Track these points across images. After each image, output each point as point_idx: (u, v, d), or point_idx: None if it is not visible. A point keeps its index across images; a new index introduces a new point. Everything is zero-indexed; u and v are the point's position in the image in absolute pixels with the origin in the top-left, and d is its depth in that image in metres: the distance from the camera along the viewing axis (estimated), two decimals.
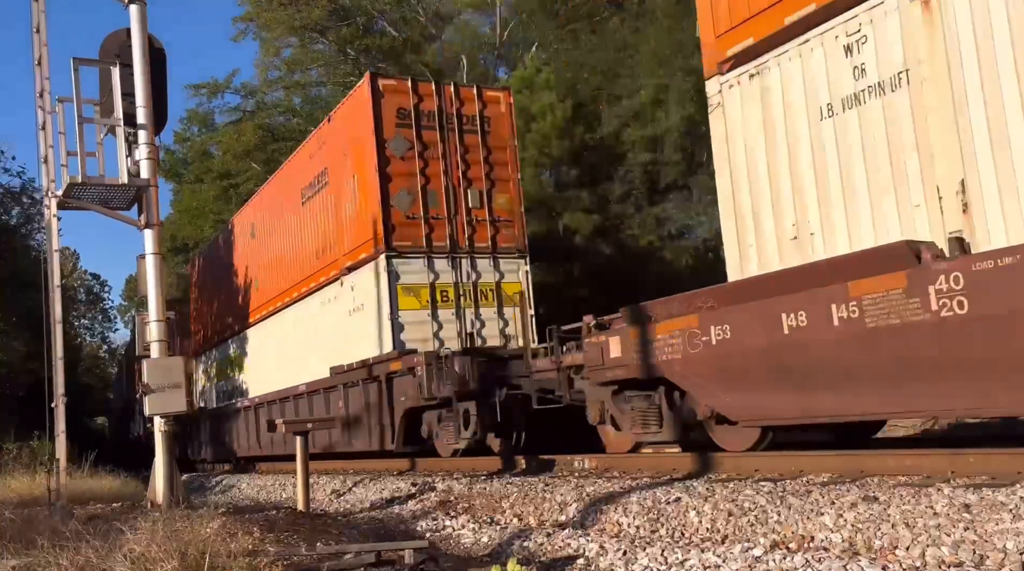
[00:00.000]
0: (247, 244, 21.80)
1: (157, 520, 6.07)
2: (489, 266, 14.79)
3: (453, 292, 14.36)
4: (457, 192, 14.63)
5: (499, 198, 14.98)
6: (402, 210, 14.20)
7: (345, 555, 5.96)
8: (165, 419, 9.73)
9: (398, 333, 13.85)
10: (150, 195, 10.06)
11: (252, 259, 21.35)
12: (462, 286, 14.44)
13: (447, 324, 14.27)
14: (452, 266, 14.51)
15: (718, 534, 6.24)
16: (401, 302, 13.98)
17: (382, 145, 14.23)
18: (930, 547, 4.94)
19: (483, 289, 14.65)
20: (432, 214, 14.38)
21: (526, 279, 14.95)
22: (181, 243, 41.58)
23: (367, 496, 11.49)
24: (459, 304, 14.39)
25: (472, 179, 14.80)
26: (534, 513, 8.13)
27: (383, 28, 34.05)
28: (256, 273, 20.92)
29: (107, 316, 65.12)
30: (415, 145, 14.37)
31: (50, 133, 10.39)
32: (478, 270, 14.68)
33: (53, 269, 10.25)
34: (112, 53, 10.21)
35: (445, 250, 14.40)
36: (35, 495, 11.29)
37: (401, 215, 14.17)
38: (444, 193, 14.53)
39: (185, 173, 41.87)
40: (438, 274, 14.33)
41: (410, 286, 14.12)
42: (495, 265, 14.79)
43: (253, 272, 21.19)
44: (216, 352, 25.05)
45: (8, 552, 6.13)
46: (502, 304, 14.76)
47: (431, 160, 14.55)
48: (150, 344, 9.92)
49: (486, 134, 15.09)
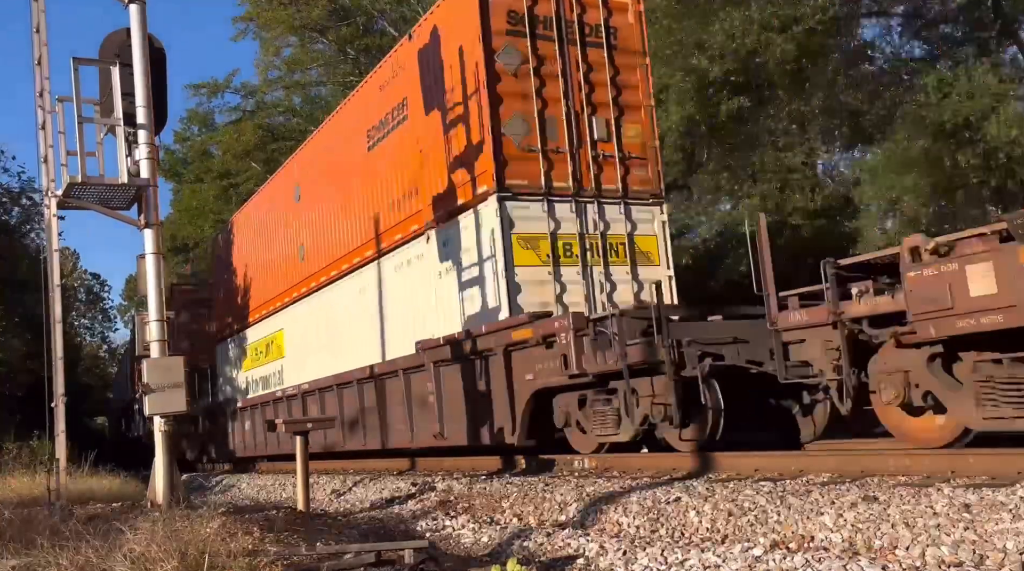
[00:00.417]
0: (290, 209, 18.85)
1: (157, 520, 6.07)
2: (619, 214, 11.91)
3: (578, 246, 11.53)
4: (580, 120, 11.78)
5: (629, 129, 12.12)
6: (516, 141, 11.36)
7: (345, 555, 5.96)
8: (165, 419, 9.72)
9: (514, 295, 11.09)
10: (150, 195, 10.05)
11: (296, 226, 18.42)
12: (588, 238, 11.64)
13: (571, 286, 11.40)
14: (576, 213, 11.65)
15: (718, 534, 6.24)
16: (517, 257, 11.18)
17: (491, 56, 11.42)
18: (930, 547, 4.94)
19: (612, 243, 11.82)
20: (551, 147, 11.56)
21: (663, 231, 12.23)
22: (181, 243, 41.60)
23: (367, 496, 11.49)
24: (585, 260, 11.53)
25: (597, 105, 11.97)
26: (534, 513, 8.13)
27: (383, 28, 34.02)
28: (303, 240, 17.90)
29: (107, 316, 65.08)
30: (529, 59, 11.59)
31: (50, 133, 10.37)
32: (606, 219, 11.83)
33: (53, 269, 10.24)
34: (112, 53, 10.19)
35: (568, 192, 11.58)
36: (35, 495, 11.28)
37: (515, 147, 11.37)
38: (564, 121, 11.69)
39: (185, 173, 41.88)
40: (559, 222, 11.53)
41: (528, 236, 11.27)
42: (627, 213, 11.96)
43: (297, 240, 18.19)
44: (250, 335, 21.77)
45: (8, 552, 6.12)
46: (635, 262, 11.94)
47: (548, 79, 11.72)
48: (150, 344, 9.91)
49: (613, 49, 12.20)
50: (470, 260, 11.80)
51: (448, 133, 12.29)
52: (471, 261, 11.78)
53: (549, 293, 11.21)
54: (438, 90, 12.49)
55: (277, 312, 19.60)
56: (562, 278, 11.35)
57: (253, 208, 21.96)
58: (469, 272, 11.91)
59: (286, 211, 19.08)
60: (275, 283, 19.73)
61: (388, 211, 14.09)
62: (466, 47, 11.80)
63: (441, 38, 12.47)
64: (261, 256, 20.88)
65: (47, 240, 11.00)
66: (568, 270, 11.42)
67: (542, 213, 11.43)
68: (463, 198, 11.92)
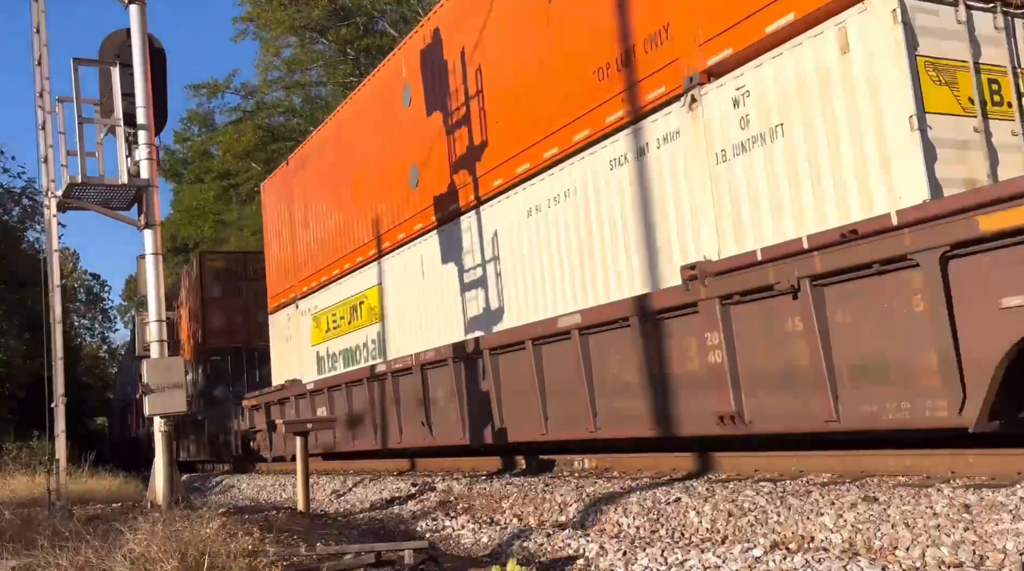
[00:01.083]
0: (394, 119, 14.15)
1: (157, 520, 6.07)
2: None
3: (1009, 83, 7.01)
4: None
5: None
6: None
7: (345, 555, 5.96)
8: (165, 419, 9.72)
9: (930, 163, 6.47)
10: (150, 195, 10.05)
11: (402, 140, 13.85)
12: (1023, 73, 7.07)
13: (1005, 151, 6.85)
14: (1003, 29, 7.12)
15: (718, 534, 6.24)
16: (928, 98, 6.57)
17: None
18: (930, 547, 4.94)
19: None
20: None
21: None
22: (181, 243, 41.64)
23: (367, 496, 11.49)
24: (1022, 106, 7.00)
25: None
26: (534, 513, 8.13)
27: (383, 28, 34.05)
28: (415, 158, 13.49)
29: (107, 316, 65.15)
30: None
31: (50, 133, 10.37)
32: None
33: (53, 269, 10.24)
34: (112, 53, 10.20)
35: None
36: (35, 495, 11.28)
37: None
38: None
39: (185, 173, 41.95)
40: (979, 45, 6.97)
41: (940, 64, 6.71)
42: None
43: (407, 158, 13.72)
44: (322, 299, 17.22)
45: (8, 552, 6.12)
46: None
47: None
48: (150, 344, 9.91)
49: None
50: (827, 114, 7.03)
51: None
52: (839, 107, 6.96)
53: (979, 164, 6.74)
54: None
55: (369, 263, 15.04)
56: (992, 140, 6.87)
57: (332, 131, 16.89)
58: (813, 137, 7.16)
59: (388, 122, 14.41)
60: (363, 228, 15.31)
61: (615, 69, 9.33)
62: None
63: None
64: (343, 192, 16.21)
65: (47, 240, 11.00)
66: (998, 125, 6.91)
67: (958, 26, 6.92)
68: (793, 11, 7.25)
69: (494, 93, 11.52)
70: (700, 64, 8.23)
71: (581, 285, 9.93)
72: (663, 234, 8.76)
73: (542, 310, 10.45)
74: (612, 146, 9.44)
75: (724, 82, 8.05)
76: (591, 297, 9.72)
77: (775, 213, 7.58)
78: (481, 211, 11.80)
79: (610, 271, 9.52)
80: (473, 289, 11.97)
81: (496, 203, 11.47)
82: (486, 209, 11.70)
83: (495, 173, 11.39)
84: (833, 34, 7.07)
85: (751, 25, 7.67)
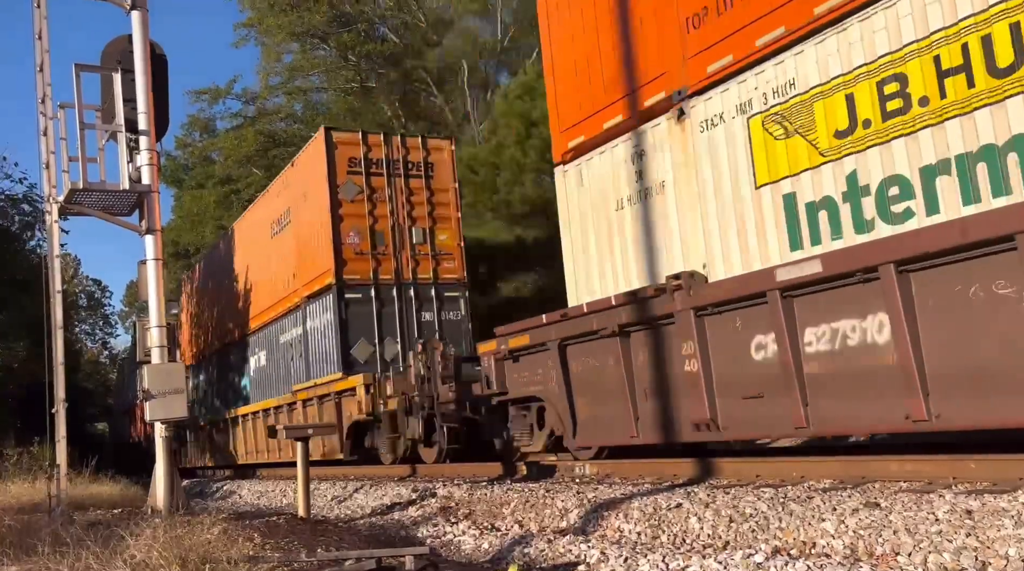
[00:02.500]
0: None
1: (158, 526, 6.07)
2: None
3: None
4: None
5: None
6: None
7: (346, 561, 5.95)
8: (165, 425, 9.72)
9: None
10: (151, 201, 10.07)
11: None
12: None
13: None
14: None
15: (719, 540, 6.23)
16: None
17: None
18: (932, 553, 4.93)
19: None
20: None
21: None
22: (182, 249, 41.63)
23: (368, 502, 11.48)
24: None
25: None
26: (535, 519, 8.12)
27: (384, 34, 34.10)
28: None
29: (108, 321, 65.28)
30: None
31: (52, 139, 10.39)
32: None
33: (54, 274, 10.25)
34: (114, 59, 10.23)
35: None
36: (36, 501, 11.27)
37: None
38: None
39: (186, 179, 41.97)
40: None
41: None
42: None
43: None
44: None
45: (8, 558, 6.12)
46: None
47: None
48: (151, 349, 9.91)
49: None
50: None
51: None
52: None
53: None
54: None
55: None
56: None
57: None
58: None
59: None
60: None
61: None
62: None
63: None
64: None
65: (48, 246, 11.01)
66: None
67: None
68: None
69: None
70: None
71: None
72: None
73: None
74: None
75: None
76: None
77: None
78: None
79: None
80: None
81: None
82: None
83: None
84: None
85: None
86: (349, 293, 15.84)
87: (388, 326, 16.07)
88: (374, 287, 16.01)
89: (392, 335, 16.12)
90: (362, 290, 15.93)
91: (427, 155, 16.90)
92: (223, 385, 24.35)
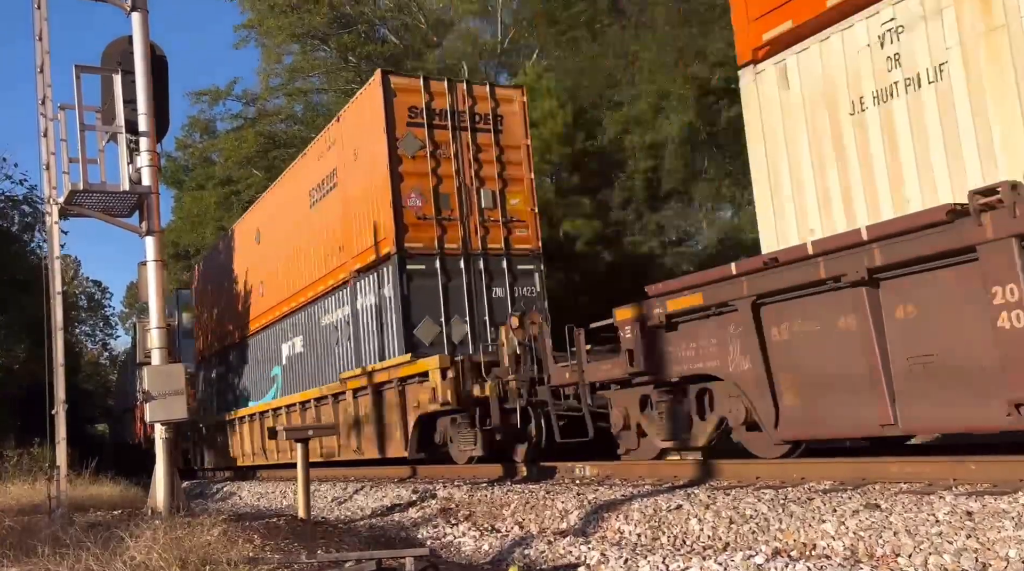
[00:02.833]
0: None
1: (158, 527, 6.07)
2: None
3: None
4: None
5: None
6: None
7: (346, 562, 5.95)
8: (166, 426, 9.72)
9: None
10: (151, 202, 10.06)
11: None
12: None
13: None
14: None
15: (720, 542, 6.22)
16: None
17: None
18: (932, 555, 4.93)
19: None
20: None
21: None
22: (183, 250, 41.63)
23: (368, 504, 11.48)
24: None
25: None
26: (535, 520, 8.11)
27: (384, 35, 34.11)
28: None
29: (108, 323, 65.28)
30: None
31: (52, 140, 10.39)
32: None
33: (54, 276, 10.24)
34: (114, 60, 10.22)
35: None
36: (35, 502, 11.27)
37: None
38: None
39: (187, 180, 41.96)
40: None
41: None
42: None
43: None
44: None
45: (8, 559, 6.12)
46: None
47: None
48: (151, 351, 9.91)
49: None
50: None
51: None
52: None
53: None
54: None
55: None
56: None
57: None
58: None
59: None
60: None
61: None
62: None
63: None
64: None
65: (48, 247, 11.01)
66: None
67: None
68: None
69: None
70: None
71: None
72: None
73: None
74: None
75: None
76: None
77: None
78: None
79: None
80: None
81: None
82: None
83: None
84: None
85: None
86: (411, 264, 13.61)
87: (455, 303, 13.89)
88: (439, 258, 13.84)
89: (460, 313, 13.93)
90: (426, 261, 13.75)
91: (496, 106, 14.72)
92: (246, 377, 22.02)
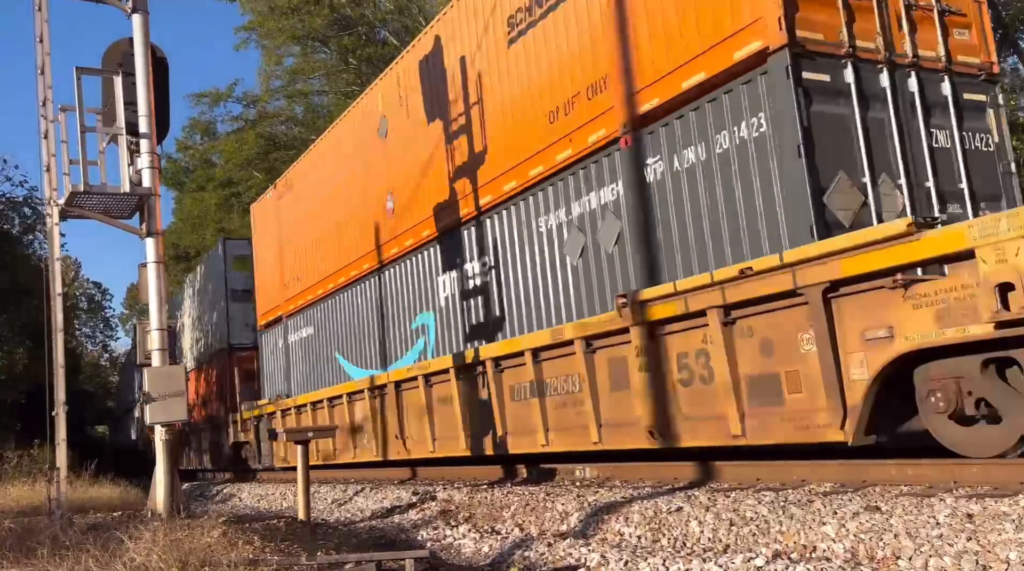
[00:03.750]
0: None
1: (158, 529, 6.07)
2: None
3: None
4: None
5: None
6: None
7: (346, 564, 5.94)
8: (166, 428, 9.71)
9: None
10: (152, 204, 10.07)
11: None
12: None
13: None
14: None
15: (720, 543, 6.22)
16: None
17: None
18: (932, 558, 4.92)
19: None
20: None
21: None
22: (183, 251, 41.70)
23: (368, 506, 11.47)
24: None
25: None
26: (535, 522, 8.11)
27: (385, 37, 34.14)
28: None
29: (108, 324, 65.31)
30: None
31: (52, 142, 10.39)
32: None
33: (54, 277, 10.24)
34: (115, 62, 10.24)
35: None
36: (35, 503, 11.27)
37: None
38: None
39: (187, 181, 42.04)
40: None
41: None
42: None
43: None
44: None
45: (8, 561, 6.11)
46: None
47: None
48: (151, 352, 9.90)
49: None
50: None
51: None
52: None
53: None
54: None
55: None
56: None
57: None
58: None
59: None
60: None
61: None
62: None
63: None
64: None
65: (49, 249, 11.01)
66: None
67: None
68: None
69: None
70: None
71: None
72: None
73: None
74: None
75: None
76: None
77: None
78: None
79: None
80: None
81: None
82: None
83: None
84: None
85: None
86: (809, 72, 7.57)
87: (880, 151, 7.95)
88: (852, 64, 7.81)
89: (888, 171, 7.98)
90: (830, 68, 7.73)
91: None
92: (363, 334, 15.59)
